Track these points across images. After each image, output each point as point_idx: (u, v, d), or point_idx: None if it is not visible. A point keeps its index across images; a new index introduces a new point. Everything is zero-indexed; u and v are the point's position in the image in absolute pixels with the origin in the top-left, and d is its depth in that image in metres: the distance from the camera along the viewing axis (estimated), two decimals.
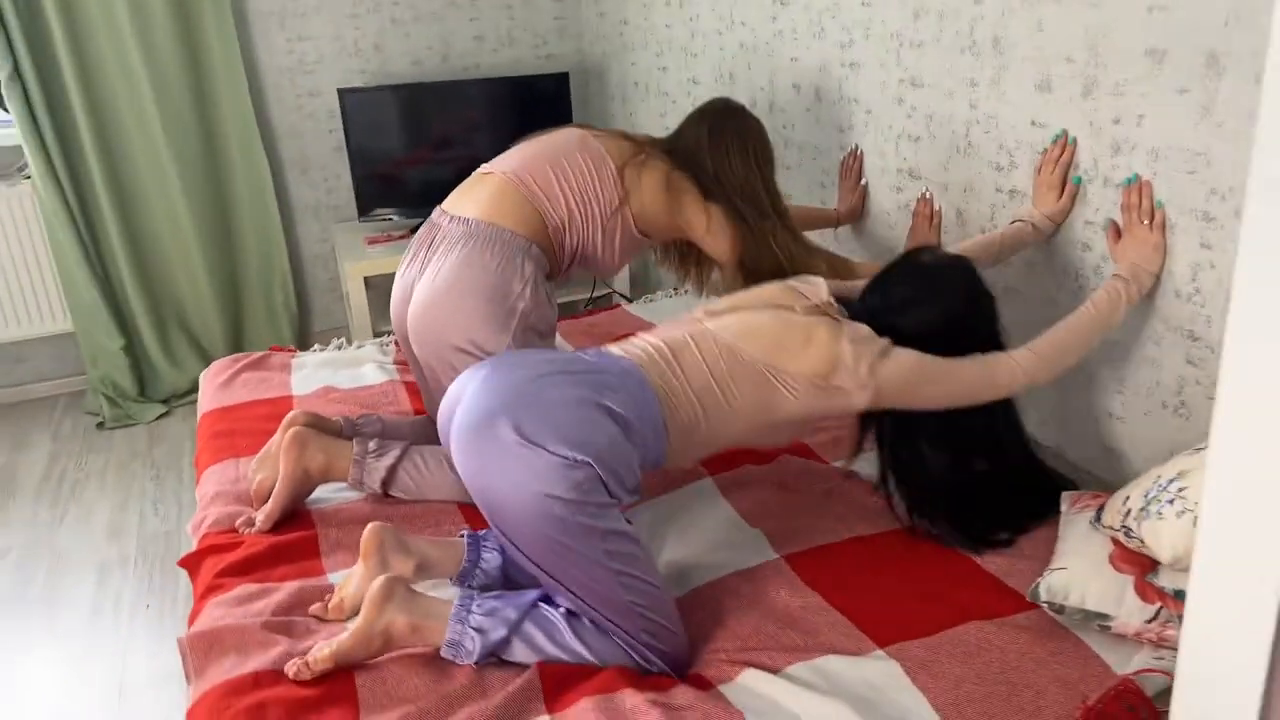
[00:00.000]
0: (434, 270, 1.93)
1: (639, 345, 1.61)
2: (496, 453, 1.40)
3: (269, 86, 3.60)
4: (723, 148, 2.06)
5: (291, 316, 3.74)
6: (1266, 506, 0.89)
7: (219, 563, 1.77)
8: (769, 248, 2.05)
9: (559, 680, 1.45)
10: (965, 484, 1.72)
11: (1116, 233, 1.75)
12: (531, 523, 1.39)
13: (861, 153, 2.41)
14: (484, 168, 2.05)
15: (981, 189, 2.06)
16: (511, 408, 1.42)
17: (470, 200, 1.99)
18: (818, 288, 1.67)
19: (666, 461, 1.56)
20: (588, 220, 1.99)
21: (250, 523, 1.88)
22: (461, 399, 1.50)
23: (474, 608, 1.50)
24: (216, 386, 2.48)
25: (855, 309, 1.68)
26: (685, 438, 1.54)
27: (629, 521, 1.47)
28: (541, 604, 1.52)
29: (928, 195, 2.19)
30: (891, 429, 1.71)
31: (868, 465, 1.98)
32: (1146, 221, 1.69)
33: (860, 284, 1.77)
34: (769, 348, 1.56)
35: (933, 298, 1.68)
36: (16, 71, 3.13)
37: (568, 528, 1.39)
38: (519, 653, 1.49)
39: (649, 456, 1.51)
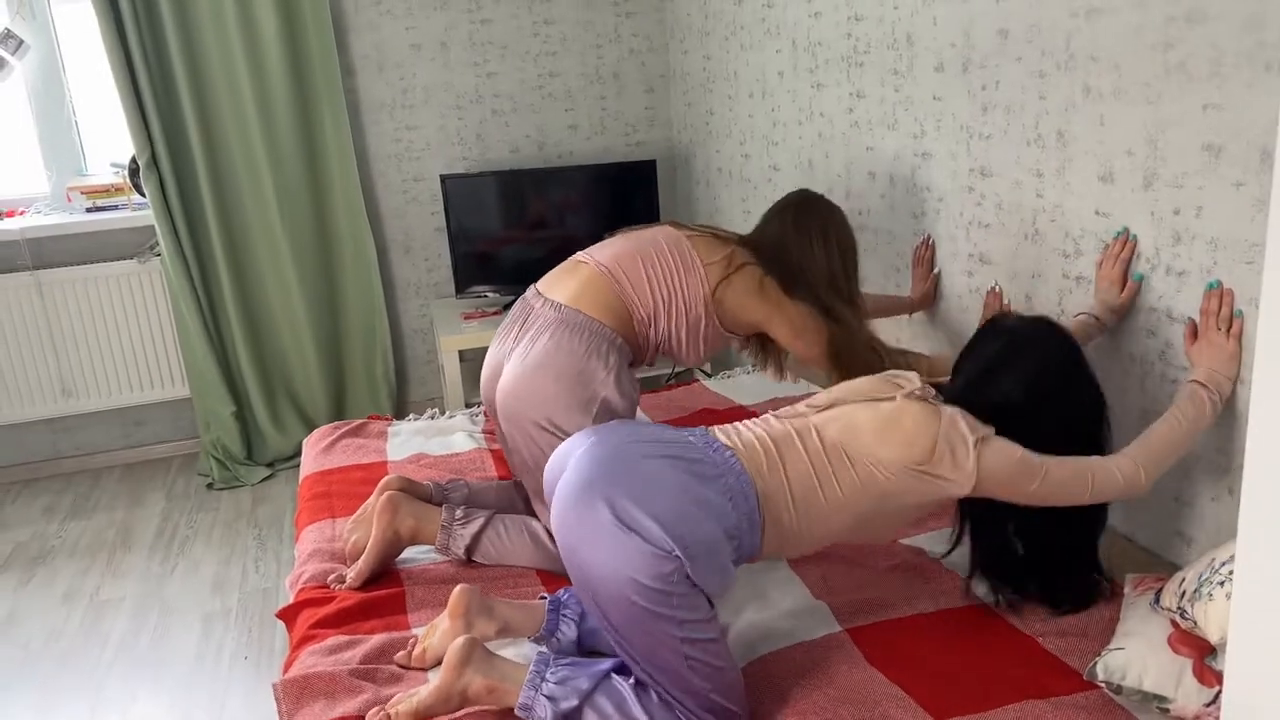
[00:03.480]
0: (524, 349, 2.04)
1: (744, 436, 1.62)
2: (593, 528, 1.46)
3: (377, 173, 3.86)
4: (807, 238, 2.13)
5: (390, 387, 3.93)
6: None
7: (313, 615, 1.90)
8: (855, 342, 2.12)
9: None
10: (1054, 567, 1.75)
11: (1194, 334, 1.78)
12: (614, 600, 1.46)
13: (934, 241, 2.48)
14: (579, 255, 2.16)
15: (1049, 275, 2.11)
16: (612, 484, 1.47)
17: (563, 286, 2.09)
18: (911, 379, 1.67)
19: (760, 555, 1.58)
20: (673, 317, 2.07)
21: (342, 579, 2.01)
22: (568, 464, 1.57)
23: (548, 675, 1.57)
24: (318, 451, 2.65)
25: (950, 391, 1.68)
26: (780, 531, 1.56)
27: (711, 605, 1.51)
28: (614, 675, 1.58)
29: (997, 289, 2.24)
30: (988, 525, 1.72)
31: (932, 543, 2.02)
32: (1224, 328, 1.71)
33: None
34: (870, 441, 1.56)
35: (1025, 351, 1.68)
36: (153, 159, 3.44)
37: (647, 613, 1.44)
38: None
39: (742, 552, 1.54)
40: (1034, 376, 1.66)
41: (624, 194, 3.81)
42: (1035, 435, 1.59)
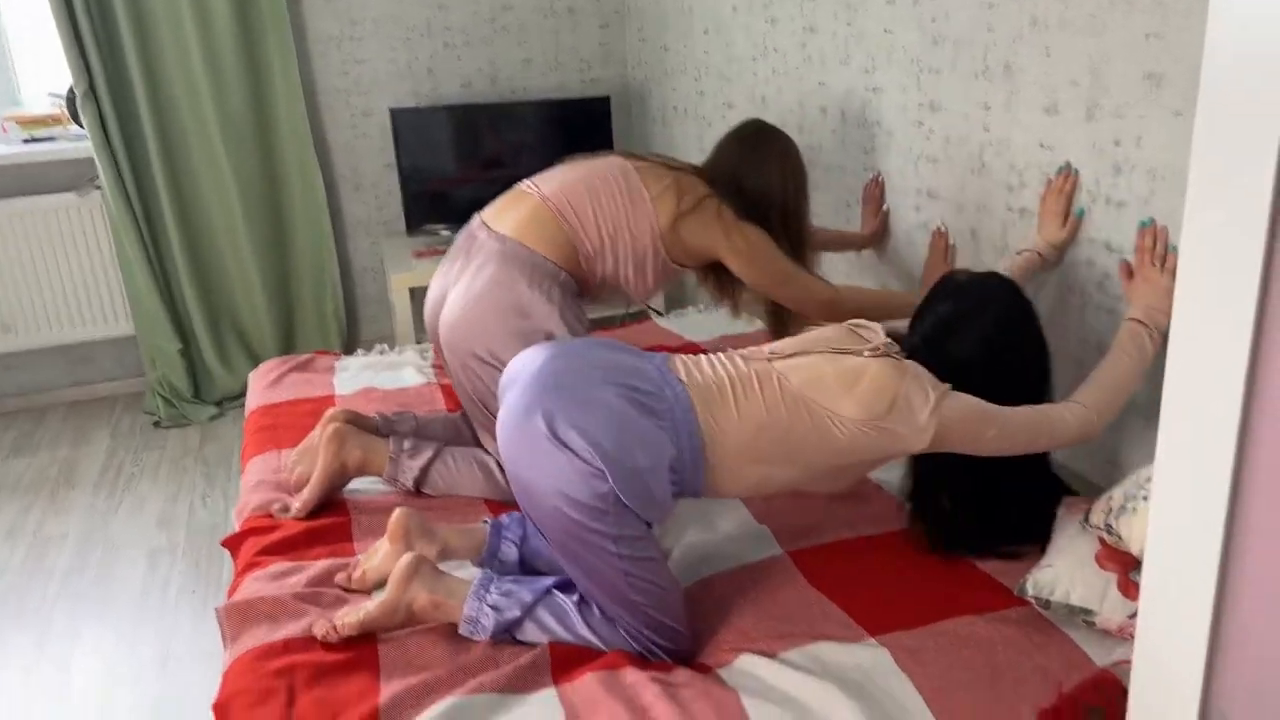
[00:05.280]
0: (468, 281, 2.03)
1: (704, 373, 1.58)
2: (531, 443, 1.47)
3: (325, 106, 3.78)
4: (762, 166, 2.13)
5: (340, 325, 3.89)
6: (1205, 499, 0.97)
7: (258, 543, 1.90)
8: (807, 276, 2.12)
9: (566, 658, 1.54)
10: (992, 506, 1.76)
11: (1129, 272, 1.80)
12: (551, 515, 1.48)
13: (883, 179, 2.49)
14: (524, 185, 2.14)
15: (994, 208, 2.13)
16: (555, 402, 1.47)
17: (508, 217, 2.07)
18: (875, 330, 1.66)
19: (706, 493, 1.57)
20: (619, 251, 2.06)
21: (286, 509, 2.00)
22: (519, 378, 1.56)
23: (492, 588, 1.60)
24: (265, 385, 2.62)
25: (909, 343, 1.69)
26: (724, 477, 1.55)
27: (648, 525, 1.52)
28: (556, 590, 1.61)
29: (943, 229, 2.26)
30: (929, 457, 1.70)
31: (884, 472, 2.05)
32: (1159, 265, 1.74)
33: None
34: (832, 393, 1.54)
35: (979, 307, 1.70)
36: (91, 89, 3.34)
37: (582, 527, 1.46)
38: (530, 633, 1.58)
39: (684, 487, 1.53)
40: (989, 334, 1.67)
41: (578, 131, 3.77)
42: (988, 390, 1.59)
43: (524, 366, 1.59)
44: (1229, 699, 1.01)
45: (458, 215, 3.74)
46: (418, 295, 3.63)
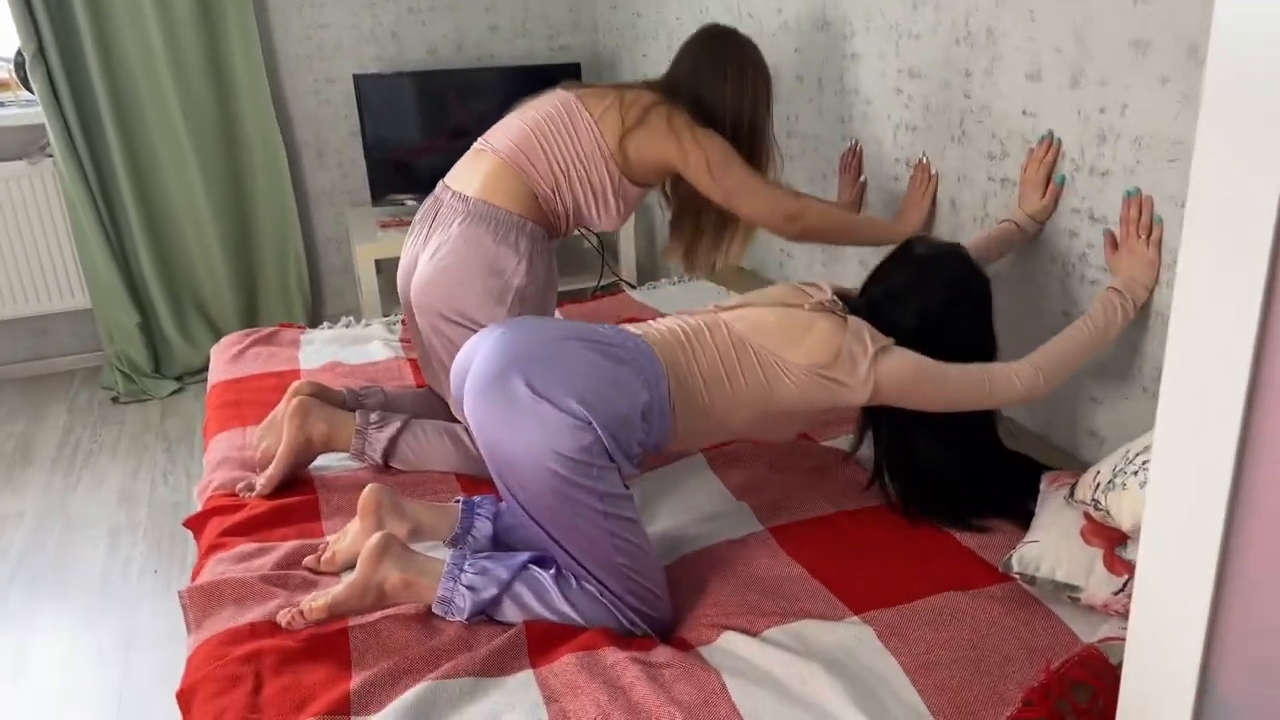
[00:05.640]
0: (435, 245, 2.00)
1: (653, 326, 1.66)
2: (507, 406, 1.45)
3: (286, 72, 3.67)
4: (719, 78, 2.07)
5: (304, 297, 3.81)
6: (1206, 471, 0.94)
7: (222, 523, 1.83)
8: (766, 183, 2.05)
9: (544, 637, 1.50)
10: (955, 476, 1.77)
11: (1113, 243, 1.78)
12: (535, 476, 1.45)
13: (861, 148, 2.45)
14: (480, 143, 2.11)
15: (975, 177, 2.10)
16: (526, 363, 1.48)
17: (469, 178, 2.05)
18: (822, 288, 1.72)
19: (670, 442, 1.60)
20: (575, 183, 2.03)
21: (250, 487, 1.94)
22: (477, 354, 1.55)
23: (466, 566, 1.55)
24: (227, 359, 2.55)
25: (856, 305, 1.71)
26: (690, 420, 1.58)
27: (627, 487, 1.52)
28: (532, 566, 1.57)
29: (925, 160, 2.21)
30: (888, 426, 1.76)
31: (863, 449, 2.03)
32: (1144, 236, 1.72)
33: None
34: (775, 339, 1.61)
35: (929, 282, 1.72)
36: (40, 52, 3.21)
37: (569, 484, 1.44)
38: (508, 611, 1.54)
39: (653, 435, 1.55)
40: (929, 311, 1.69)
41: None
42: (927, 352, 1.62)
43: (479, 344, 1.58)
44: (1228, 680, 0.99)
45: (423, 185, 3.63)
46: (384, 267, 3.55)
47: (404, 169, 3.67)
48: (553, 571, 1.56)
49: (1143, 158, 1.70)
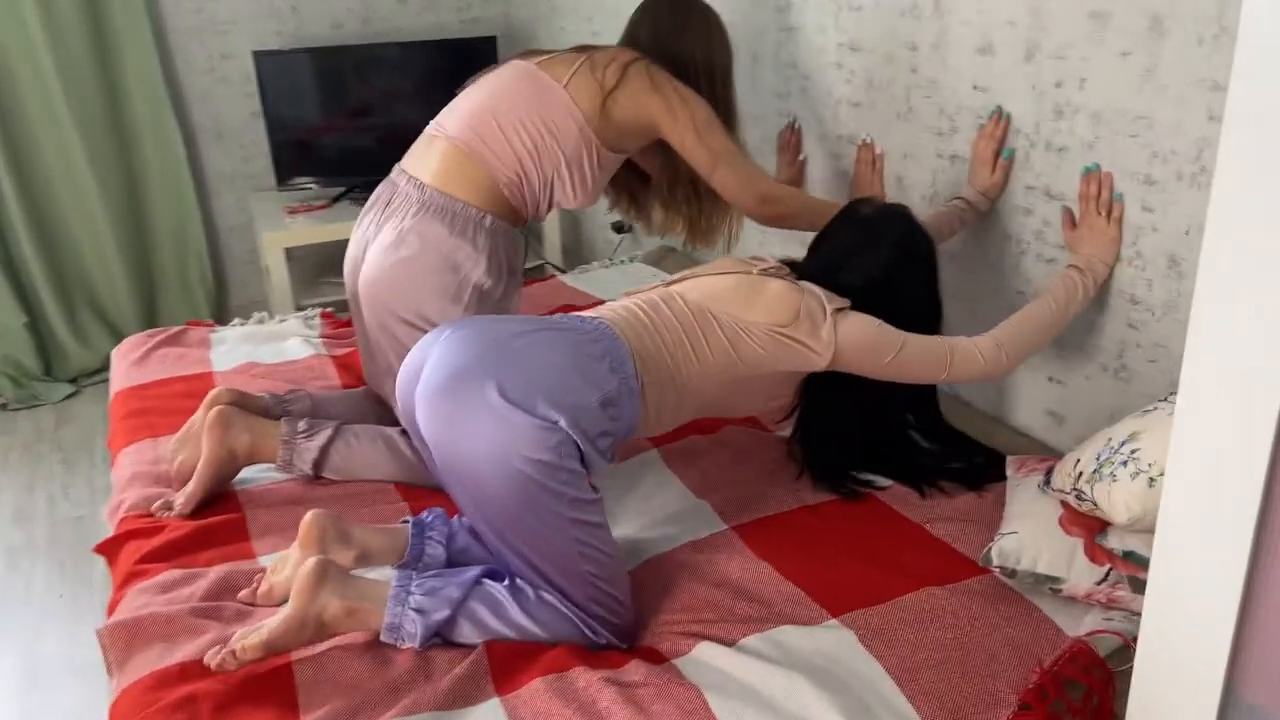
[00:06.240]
0: (388, 235, 1.86)
1: (611, 308, 1.59)
2: (472, 412, 1.36)
3: (177, 49, 3.42)
4: (685, 32, 1.97)
5: (208, 291, 3.58)
6: (1234, 460, 0.89)
7: (140, 548, 1.68)
8: (747, 157, 1.96)
9: (507, 660, 1.40)
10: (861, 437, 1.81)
11: (1071, 221, 1.75)
12: (499, 483, 1.36)
13: (800, 126, 2.37)
14: (432, 127, 1.95)
15: (922, 155, 2.05)
16: (484, 363, 1.38)
17: (425, 164, 1.89)
18: (766, 259, 1.68)
19: (641, 426, 1.52)
20: (544, 163, 1.88)
21: (169, 506, 1.78)
22: (428, 359, 1.44)
23: (413, 588, 1.44)
24: (130, 363, 2.35)
25: (806, 269, 1.68)
26: (660, 396, 1.52)
27: (595, 490, 1.44)
28: (485, 580, 1.47)
29: (869, 140, 2.15)
30: (817, 385, 1.70)
31: None
32: (1104, 213, 1.68)
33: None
34: (732, 303, 1.57)
35: (875, 242, 1.70)
36: None
37: (539, 491, 1.36)
38: (465, 632, 1.44)
39: (623, 421, 1.47)
40: (873, 275, 1.67)
41: (461, 75, 3.49)
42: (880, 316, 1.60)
43: (430, 346, 1.48)
44: (1254, 685, 0.95)
45: (331, 167, 3.49)
46: (294, 256, 3.36)
47: (310, 151, 3.47)
48: (507, 584, 1.46)
49: (1102, 133, 1.66)
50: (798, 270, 1.67)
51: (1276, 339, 0.83)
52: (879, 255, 1.68)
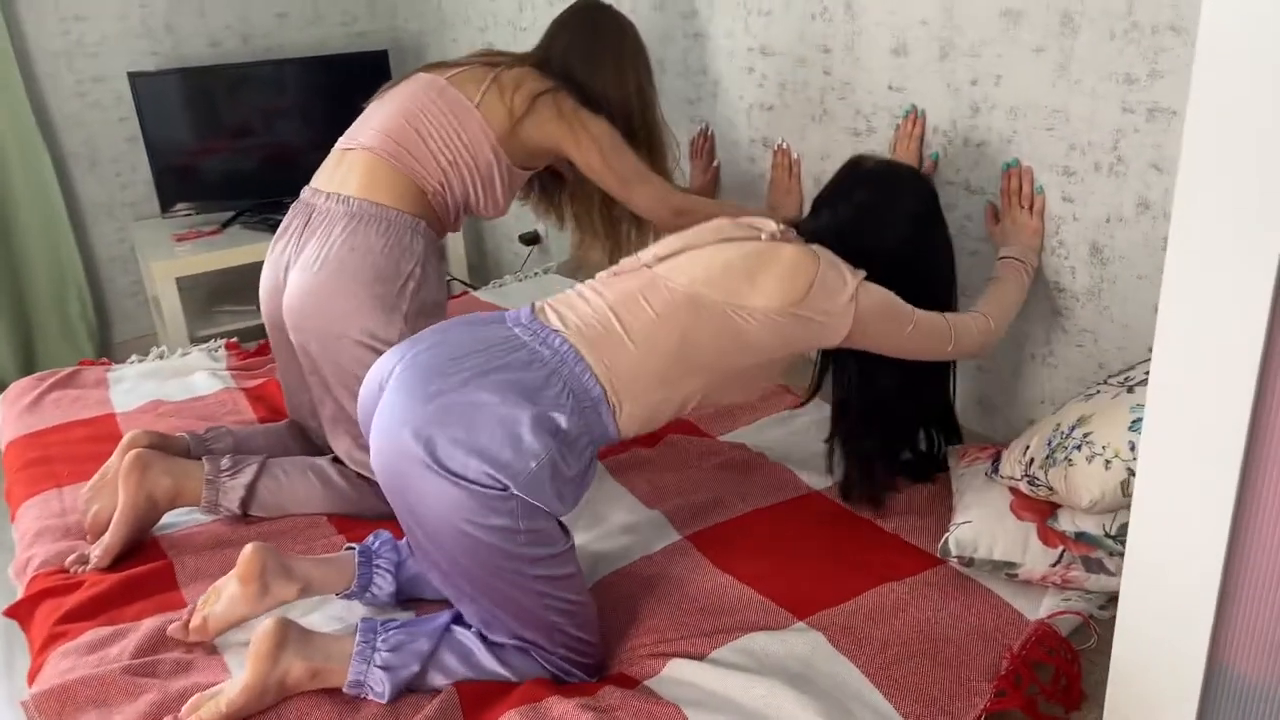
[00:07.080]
0: (313, 254, 1.77)
1: (580, 312, 1.42)
2: (415, 469, 1.27)
3: (43, 73, 3.22)
4: (598, 66, 1.95)
5: (90, 327, 3.38)
6: (1213, 428, 0.92)
7: (57, 607, 1.56)
8: (655, 174, 1.95)
9: (478, 698, 1.34)
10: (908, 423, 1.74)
11: (994, 215, 1.79)
12: (452, 542, 1.29)
13: (713, 132, 2.38)
14: (343, 143, 1.89)
15: (839, 156, 2.06)
16: (429, 424, 1.28)
17: (344, 178, 1.82)
18: (768, 222, 1.51)
19: (623, 435, 1.41)
20: (463, 175, 1.85)
21: (84, 560, 1.67)
22: (383, 392, 1.36)
23: (379, 644, 1.35)
24: (20, 410, 2.19)
25: (816, 231, 1.55)
26: (640, 411, 1.40)
27: (566, 533, 1.37)
28: (454, 627, 1.41)
29: (784, 145, 2.16)
30: (855, 364, 1.62)
31: (754, 435, 1.98)
32: (1026, 207, 1.72)
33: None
34: (733, 283, 1.40)
35: (901, 198, 1.60)
36: None
37: (491, 551, 1.28)
38: (434, 680, 1.37)
39: (597, 440, 1.38)
40: (907, 227, 1.58)
41: (352, 91, 3.35)
42: (899, 287, 1.50)
43: (383, 375, 1.39)
44: (1238, 651, 0.98)
45: (217, 191, 3.35)
46: (183, 285, 3.19)
47: (194, 175, 3.31)
48: (475, 630, 1.40)
49: (1019, 127, 1.71)
50: (805, 232, 1.54)
51: (1249, 298, 0.86)
52: (903, 212, 1.58)
